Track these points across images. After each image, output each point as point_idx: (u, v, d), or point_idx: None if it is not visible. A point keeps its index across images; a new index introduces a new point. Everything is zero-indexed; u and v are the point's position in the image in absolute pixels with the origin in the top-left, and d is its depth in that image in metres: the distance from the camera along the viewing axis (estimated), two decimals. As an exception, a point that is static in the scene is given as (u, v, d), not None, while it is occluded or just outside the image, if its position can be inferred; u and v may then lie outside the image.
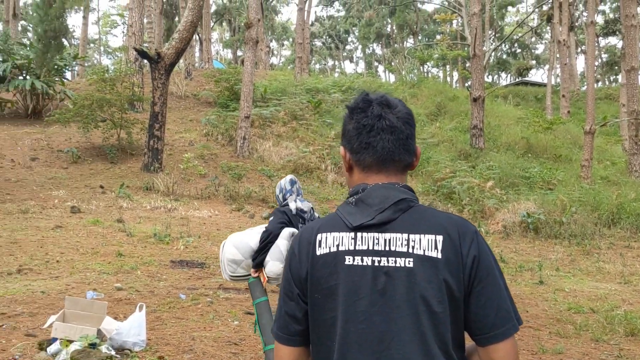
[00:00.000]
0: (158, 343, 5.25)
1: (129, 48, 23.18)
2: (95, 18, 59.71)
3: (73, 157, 16.33)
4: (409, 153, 1.55)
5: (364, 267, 1.44)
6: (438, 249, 1.41)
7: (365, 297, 1.43)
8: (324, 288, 1.48)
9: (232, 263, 4.17)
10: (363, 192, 1.50)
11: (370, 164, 1.54)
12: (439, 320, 1.39)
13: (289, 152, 18.35)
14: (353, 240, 1.47)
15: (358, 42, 64.53)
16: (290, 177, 4.63)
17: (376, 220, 1.45)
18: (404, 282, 1.41)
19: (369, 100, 1.56)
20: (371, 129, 1.52)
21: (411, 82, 28.20)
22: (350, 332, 1.43)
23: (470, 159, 18.36)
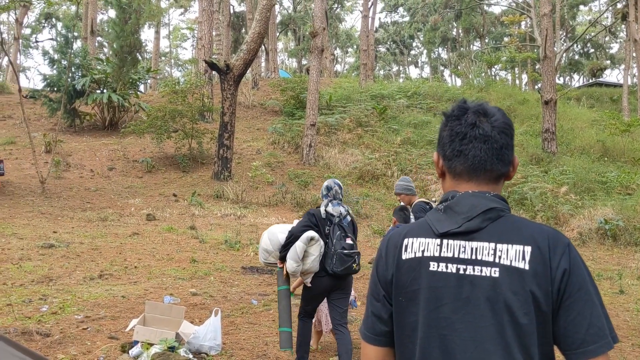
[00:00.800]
0: (233, 347, 5.38)
1: (199, 60, 23.94)
2: (167, 32, 61.98)
3: (147, 167, 16.99)
4: (502, 163, 1.53)
5: (448, 274, 1.45)
6: (526, 260, 1.39)
7: (448, 304, 1.43)
8: (407, 292, 1.50)
9: (265, 252, 4.86)
10: (452, 200, 1.51)
11: (461, 171, 1.53)
12: (524, 333, 1.37)
13: (355, 158, 18.37)
14: (439, 247, 1.47)
15: (423, 47, 63.89)
16: (326, 183, 4.88)
17: (463, 228, 1.45)
18: (488, 292, 1.40)
19: (465, 107, 1.56)
20: (464, 137, 1.52)
21: (479, 85, 27.65)
22: (431, 338, 1.44)
23: (543, 164, 17.79)
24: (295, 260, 4.48)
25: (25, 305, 6.29)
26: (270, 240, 4.82)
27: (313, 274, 4.60)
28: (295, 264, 4.49)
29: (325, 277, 4.59)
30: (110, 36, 22.69)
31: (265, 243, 4.87)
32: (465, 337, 1.41)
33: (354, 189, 16.15)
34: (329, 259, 4.53)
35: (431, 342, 1.44)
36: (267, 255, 4.87)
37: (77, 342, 5.24)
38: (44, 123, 21.50)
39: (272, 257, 4.84)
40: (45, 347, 5.05)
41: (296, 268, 4.52)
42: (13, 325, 5.51)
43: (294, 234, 4.55)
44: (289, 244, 4.55)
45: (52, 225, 11.19)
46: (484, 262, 1.42)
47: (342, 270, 4.51)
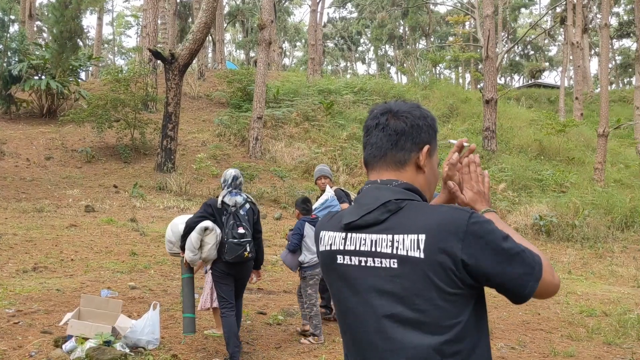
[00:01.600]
0: (171, 342, 5.31)
1: (143, 49, 23.37)
2: (110, 19, 60.20)
3: (87, 157, 16.49)
4: (398, 148, 1.54)
5: (352, 267, 1.50)
6: (421, 249, 1.40)
7: (352, 296, 1.50)
8: (327, 283, 1.63)
9: (169, 242, 5.12)
10: (360, 193, 1.59)
11: (367, 161, 1.62)
12: (424, 321, 1.40)
13: (301, 152, 18.39)
14: (344, 240, 1.53)
15: (370, 44, 64.49)
16: (234, 173, 5.07)
17: (362, 221, 1.49)
18: (388, 283, 1.43)
19: (380, 105, 1.64)
20: (368, 129, 1.61)
21: (423, 83, 28.13)
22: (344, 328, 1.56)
23: (483, 161, 18.25)
24: (192, 250, 4.71)
25: (-49, 299, 6.02)
26: (172, 232, 5.04)
27: (212, 261, 4.86)
28: (192, 254, 4.73)
29: (223, 264, 4.83)
30: (49, 21, 21.83)
31: (168, 234, 5.10)
32: (368, 329, 1.46)
33: (299, 183, 16.17)
34: (223, 247, 4.79)
35: (345, 333, 1.55)
36: (172, 245, 5.10)
37: (8, 337, 5.05)
38: (-24, 109, 20.53)
39: (176, 247, 5.05)
40: (-28, 342, 4.85)
41: (193, 257, 4.75)
42: (-62, 320, 5.26)
43: (188, 225, 4.79)
44: (187, 235, 4.78)
45: (-15, 216, 10.73)
46: (383, 254, 1.45)
47: (233, 258, 4.76)
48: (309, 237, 5.59)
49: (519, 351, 5.71)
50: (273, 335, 5.74)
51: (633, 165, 19.98)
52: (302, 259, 5.64)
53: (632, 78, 50.25)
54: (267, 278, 8.33)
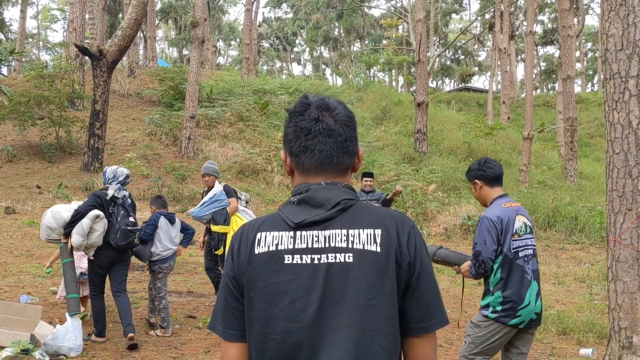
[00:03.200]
0: (95, 348, 5.11)
1: (70, 44, 22.46)
2: (34, 12, 57.60)
3: (8, 156, 15.69)
4: (348, 155, 1.55)
5: (303, 265, 1.44)
6: (377, 243, 1.43)
7: (305, 295, 1.42)
8: (260, 287, 1.46)
9: (48, 229, 5.25)
10: (306, 193, 1.50)
11: (309, 167, 1.53)
12: (379, 314, 1.40)
13: (235, 153, 18.20)
14: (292, 239, 1.46)
15: (306, 45, 64.69)
16: (126, 171, 5.57)
17: (317, 218, 1.46)
18: (343, 278, 1.41)
19: (307, 103, 1.55)
20: (308, 132, 1.52)
21: (357, 85, 28.48)
22: (292, 332, 1.41)
23: (414, 163, 18.69)
24: (82, 235, 5.03)
25: None
26: (54, 219, 5.21)
27: (96, 247, 5.20)
28: (81, 239, 5.03)
29: (109, 250, 5.25)
30: (-33, 11, 20.64)
31: (49, 221, 5.23)
32: (325, 326, 1.41)
33: (234, 184, 15.97)
34: (114, 234, 5.21)
35: (291, 336, 1.41)
36: (50, 232, 5.25)
37: None
38: None
39: (56, 234, 5.24)
40: None
41: (81, 242, 5.05)
42: None
43: (80, 212, 5.10)
44: (75, 221, 5.07)
45: None
46: (337, 249, 1.43)
47: (125, 243, 5.26)
48: (162, 230, 5.76)
49: (446, 349, 5.84)
50: (203, 340, 5.63)
51: (555, 167, 20.94)
52: (153, 250, 5.74)
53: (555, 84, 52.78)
54: (197, 281, 8.17)
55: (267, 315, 1.45)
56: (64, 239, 5.23)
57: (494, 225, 3.45)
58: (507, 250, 3.44)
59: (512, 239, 3.46)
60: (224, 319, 1.53)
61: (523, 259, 3.48)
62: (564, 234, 13.18)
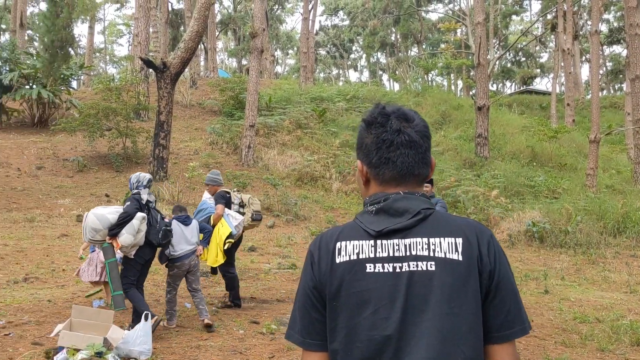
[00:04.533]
0: (164, 352, 5.27)
1: (135, 57, 23.34)
2: (102, 28, 60.13)
3: (79, 166, 16.41)
4: (427, 166, 1.58)
5: (385, 274, 1.45)
6: (459, 252, 1.44)
7: (387, 304, 1.43)
8: (342, 296, 1.47)
9: (93, 230, 5.53)
10: (385, 202, 1.51)
11: (389, 178, 1.55)
12: (462, 322, 1.41)
13: (294, 160, 18.38)
14: (373, 247, 1.47)
15: (362, 51, 64.68)
16: (148, 176, 6.08)
17: (397, 227, 1.47)
18: (426, 286, 1.43)
19: (386, 113, 1.56)
20: (390, 144, 1.53)
21: (415, 90, 28.23)
22: (374, 340, 1.43)
23: (475, 168, 18.35)
24: (133, 235, 5.46)
25: (-59, 311, 5.95)
26: (99, 221, 5.53)
27: (138, 246, 5.62)
28: (132, 237, 5.47)
29: (147, 249, 5.75)
30: (40, 30, 21.77)
31: (94, 223, 5.52)
32: (408, 334, 1.42)
33: (292, 191, 16.14)
34: (155, 234, 5.72)
35: (375, 344, 1.42)
36: (95, 233, 5.55)
37: (-2, 349, 5.00)
38: (-33, 119, 20.41)
39: (100, 235, 5.55)
40: (-39, 355, 4.79)
41: (132, 241, 5.48)
42: None
43: (129, 213, 5.54)
44: (124, 222, 5.48)
45: (-26, 227, 10.64)
46: (419, 257, 1.44)
47: (165, 242, 5.82)
48: (176, 233, 6.08)
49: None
50: (266, 345, 5.71)
51: (624, 171, 20.07)
52: (167, 252, 6.07)
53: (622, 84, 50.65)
54: (260, 287, 8.29)
55: (350, 323, 1.46)
56: (108, 239, 5.56)
57: None
58: None
59: None
60: (304, 328, 1.55)
61: None
62: (635, 240, 12.61)
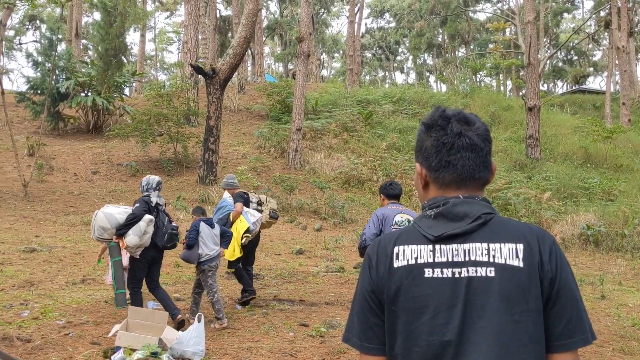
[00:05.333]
0: (216, 353, 5.36)
1: (185, 64, 23.85)
2: (152, 35, 61.69)
3: (132, 171, 16.87)
4: (487, 170, 1.55)
5: (444, 279, 1.44)
6: (519, 258, 1.42)
7: (446, 310, 1.42)
8: (401, 300, 1.47)
9: (101, 229, 5.70)
10: (444, 206, 1.50)
11: (449, 181, 1.53)
12: (522, 330, 1.39)
13: (340, 163, 18.41)
14: (432, 252, 1.47)
15: (409, 53, 64.21)
16: (157, 179, 6.27)
17: (456, 232, 1.46)
18: (485, 292, 1.41)
19: (447, 116, 1.55)
20: (451, 147, 1.52)
21: (463, 92, 27.85)
22: (433, 345, 1.42)
23: (526, 170, 17.95)
24: (138, 236, 5.63)
25: (6, 310, 6.22)
26: (108, 220, 5.71)
27: (143, 247, 5.78)
28: (137, 239, 5.63)
29: (152, 250, 5.91)
30: (95, 39, 22.51)
31: (102, 222, 5.70)
32: (466, 340, 1.40)
33: (339, 194, 16.16)
34: (161, 236, 5.92)
35: (434, 349, 1.42)
36: (103, 232, 5.74)
37: (59, 347, 5.19)
38: (27, 126, 21.27)
39: (107, 234, 5.73)
40: (25, 353, 4.99)
41: (137, 242, 5.64)
42: (-7, 330, 5.44)
43: (137, 215, 5.70)
44: (132, 223, 5.64)
45: (35, 229, 11.07)
46: (478, 263, 1.43)
47: (170, 245, 6.05)
48: (204, 233, 6.31)
49: None
50: (316, 347, 5.73)
51: (685, 171, 19.25)
52: (201, 252, 6.25)
53: (681, 81, 48.54)
54: (308, 290, 8.34)
55: (409, 328, 1.46)
56: (115, 239, 5.72)
57: (376, 218, 5.26)
58: None
59: (391, 228, 5.11)
60: (362, 332, 1.55)
61: None
62: (699, 244, 12.09)
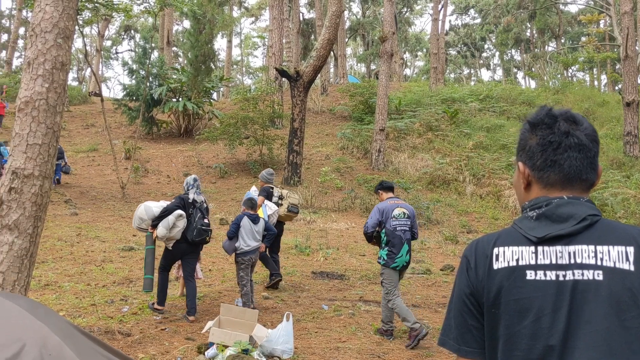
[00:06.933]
0: (304, 352, 5.43)
1: (270, 68, 24.36)
2: (238, 41, 63.48)
3: (220, 172, 17.44)
4: (594, 172, 1.49)
5: (547, 282, 1.39)
6: (630, 261, 1.34)
7: (550, 313, 1.37)
8: (501, 302, 1.43)
9: (139, 219, 6.38)
10: (547, 207, 1.45)
11: (554, 182, 1.48)
12: (634, 337, 1.32)
13: (425, 163, 18.16)
14: (534, 254, 1.42)
15: (495, 49, 62.37)
16: (194, 176, 6.78)
17: (561, 233, 1.40)
18: (592, 296, 1.35)
19: (554, 115, 1.51)
20: (558, 146, 1.47)
21: (554, 87, 26.72)
22: (535, 349, 1.38)
23: (624, 168, 16.95)
24: (166, 228, 6.14)
25: (107, 305, 6.60)
26: (146, 212, 6.35)
27: (175, 240, 6.29)
28: (165, 231, 6.14)
29: (184, 244, 6.34)
30: (185, 46, 23.49)
31: (141, 213, 6.37)
32: (571, 346, 1.35)
33: (424, 195, 15.94)
34: (191, 231, 6.30)
35: (536, 354, 1.38)
36: (141, 222, 6.38)
37: (156, 342, 5.44)
38: (123, 131, 22.51)
39: (145, 224, 6.35)
40: (126, 346, 5.27)
41: (165, 234, 6.15)
42: (97, 324, 5.79)
43: (168, 209, 6.23)
44: (163, 216, 6.17)
45: (132, 229, 11.67)
46: (584, 266, 1.37)
47: (199, 240, 6.36)
48: (245, 228, 6.69)
49: None
50: (403, 350, 5.68)
51: None
52: (237, 245, 6.67)
53: None
54: (395, 291, 8.28)
55: (510, 331, 1.42)
56: (150, 229, 6.27)
57: (377, 210, 6.11)
58: (389, 226, 6.01)
59: (391, 219, 6.00)
60: (460, 335, 1.52)
61: (401, 232, 6.01)
62: None
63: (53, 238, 10.09)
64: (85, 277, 7.83)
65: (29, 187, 4.19)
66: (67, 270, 8.14)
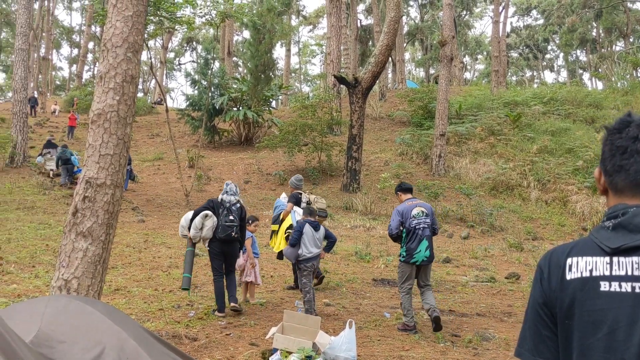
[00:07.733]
0: (367, 359, 5.41)
1: (328, 75, 24.51)
2: (297, 49, 64.17)
3: (280, 180, 17.64)
4: None
5: (622, 294, 1.34)
6: None
7: (625, 326, 1.32)
8: (574, 314, 1.40)
9: (181, 227, 6.87)
10: (623, 217, 1.40)
11: (622, 187, 1.44)
12: None
13: (487, 168, 17.78)
14: (609, 265, 1.37)
15: (559, 50, 60.52)
16: (228, 182, 7.16)
17: (637, 244, 1.34)
18: None
19: (627, 121, 1.46)
20: (624, 151, 1.43)
21: (623, 88, 25.65)
22: None
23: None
24: (195, 229, 6.62)
25: (174, 310, 6.78)
26: (185, 220, 6.84)
27: (208, 239, 6.69)
28: (194, 231, 6.62)
29: (216, 242, 6.69)
30: (245, 56, 23.98)
31: (183, 220, 6.88)
32: None
33: (487, 200, 15.60)
34: (217, 229, 6.67)
35: None
36: (183, 229, 6.84)
37: (221, 347, 5.55)
38: (187, 140, 23.13)
39: (185, 230, 6.79)
40: (193, 350, 5.40)
41: (195, 234, 6.62)
42: (165, 329, 5.96)
43: (196, 212, 6.72)
44: (193, 218, 6.67)
45: (196, 236, 11.98)
46: None
47: (224, 236, 6.64)
48: (307, 235, 6.76)
49: None
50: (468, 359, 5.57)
51: None
52: (300, 252, 6.72)
53: None
54: (458, 299, 8.14)
55: (583, 343, 1.38)
56: (188, 234, 6.74)
57: (397, 212, 6.47)
58: (408, 225, 6.37)
59: (410, 219, 6.37)
60: (535, 346, 1.49)
61: (420, 229, 6.34)
62: None
63: (122, 244, 10.47)
64: (153, 282, 8.08)
65: (101, 195, 4.37)
66: (135, 276, 8.42)
